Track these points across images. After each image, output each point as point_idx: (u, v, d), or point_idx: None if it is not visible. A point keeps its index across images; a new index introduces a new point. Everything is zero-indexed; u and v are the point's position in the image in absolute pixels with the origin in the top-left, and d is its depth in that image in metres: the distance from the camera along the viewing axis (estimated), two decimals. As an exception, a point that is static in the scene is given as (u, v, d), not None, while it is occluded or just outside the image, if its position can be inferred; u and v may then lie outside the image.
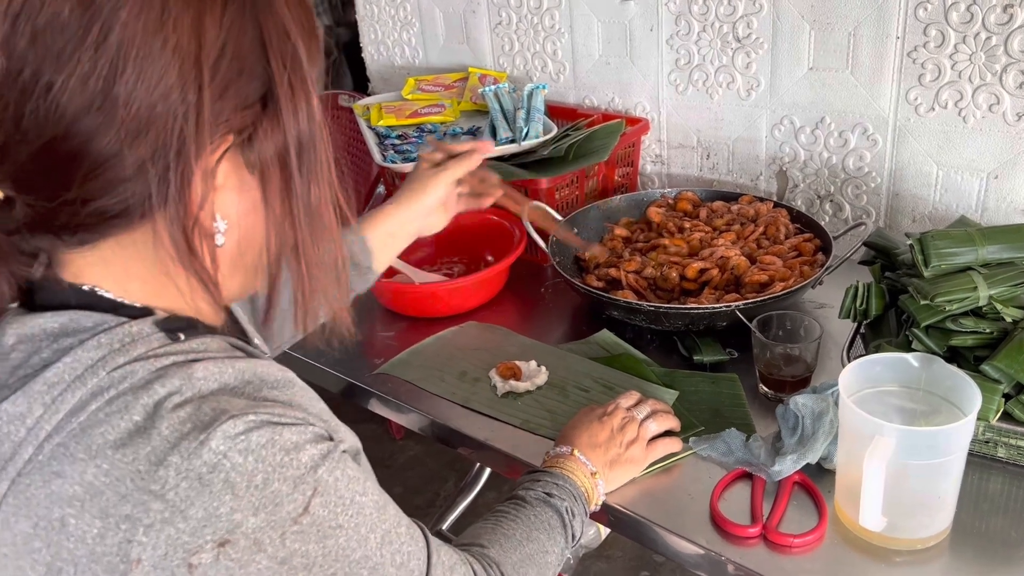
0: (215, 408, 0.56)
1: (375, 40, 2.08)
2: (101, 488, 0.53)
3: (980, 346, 0.95)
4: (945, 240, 1.00)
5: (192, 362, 0.58)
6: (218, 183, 0.59)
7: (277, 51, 0.58)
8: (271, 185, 0.61)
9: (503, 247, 1.43)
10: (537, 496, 0.88)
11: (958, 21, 1.23)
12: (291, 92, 0.59)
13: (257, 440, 0.55)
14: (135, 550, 0.53)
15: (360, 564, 0.61)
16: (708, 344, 1.20)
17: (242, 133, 0.58)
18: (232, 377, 0.59)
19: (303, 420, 0.59)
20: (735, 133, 1.55)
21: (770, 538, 0.89)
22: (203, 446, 0.54)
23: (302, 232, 0.63)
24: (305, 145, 0.61)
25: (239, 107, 0.58)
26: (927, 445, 0.81)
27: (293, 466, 0.56)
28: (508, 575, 0.80)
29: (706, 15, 1.48)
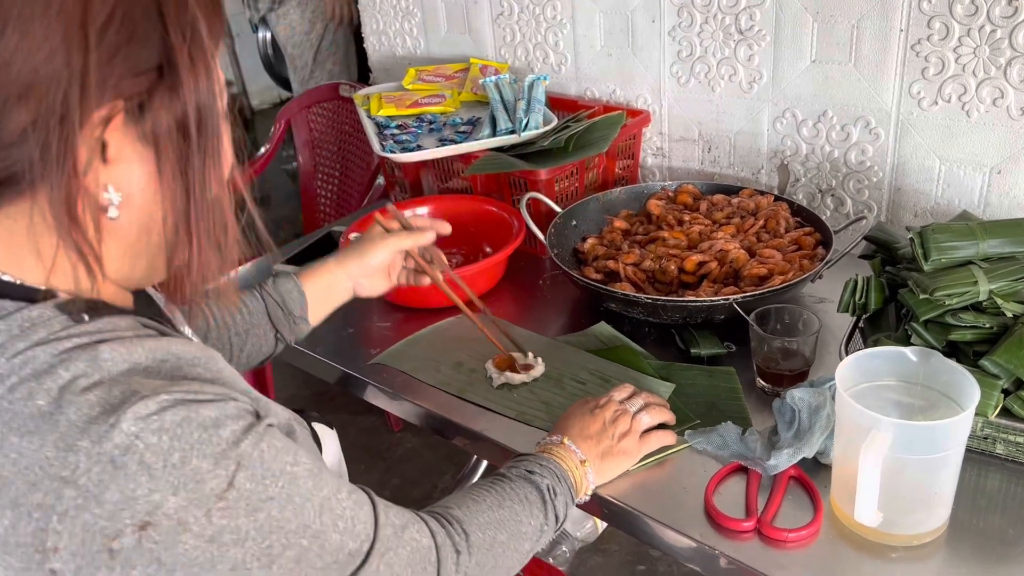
0: (125, 390, 0.54)
1: (377, 30, 2.07)
2: (9, 478, 0.52)
3: (979, 341, 0.94)
4: (946, 234, 0.99)
5: (97, 343, 0.57)
6: (111, 154, 0.58)
7: (175, 20, 0.57)
8: (167, 156, 0.60)
9: (501, 238, 1.42)
10: (518, 473, 0.88)
11: (963, 14, 1.22)
12: (191, 62, 0.58)
13: (171, 419, 0.54)
14: (51, 538, 0.52)
15: (298, 533, 0.60)
16: (706, 337, 1.19)
17: (132, 100, 0.57)
18: (143, 357, 0.57)
19: (223, 396, 0.58)
20: (737, 126, 1.54)
21: (765, 532, 0.88)
22: (114, 428, 0.52)
23: (196, 206, 0.62)
24: (204, 117, 0.60)
25: (130, 73, 0.56)
26: (924, 440, 0.80)
27: (213, 442, 0.55)
28: (471, 532, 0.78)
29: (708, 7, 1.47)
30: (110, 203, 0.59)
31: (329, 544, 0.62)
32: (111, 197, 0.59)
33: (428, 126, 1.62)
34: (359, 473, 1.07)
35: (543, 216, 1.43)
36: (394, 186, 1.72)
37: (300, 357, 1.32)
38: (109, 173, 0.58)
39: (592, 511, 1.00)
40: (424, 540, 0.73)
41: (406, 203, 1.55)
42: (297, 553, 0.60)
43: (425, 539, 0.73)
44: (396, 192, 1.72)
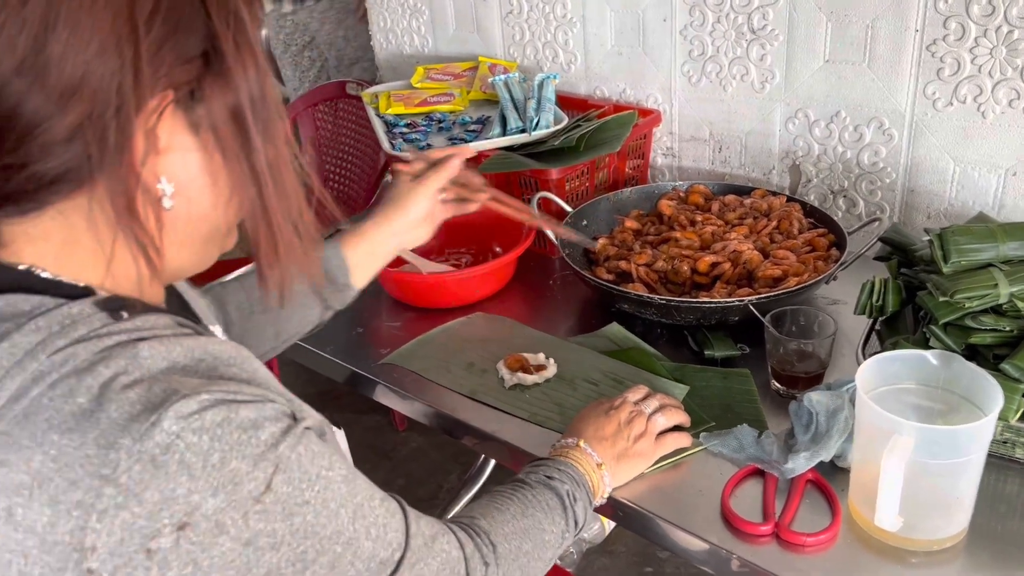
0: (166, 388, 0.54)
1: (384, 28, 2.06)
2: (49, 475, 0.51)
3: (999, 344, 0.93)
4: (965, 236, 0.98)
5: (137, 341, 0.56)
6: (162, 144, 0.58)
7: (217, 7, 0.58)
8: (229, 143, 0.60)
9: (512, 238, 1.41)
10: (537, 479, 0.87)
11: (979, 14, 1.21)
12: (236, 48, 0.58)
13: (212, 418, 0.53)
14: (89, 537, 0.51)
15: (332, 540, 0.59)
16: (719, 339, 1.19)
17: (182, 88, 0.57)
18: (181, 355, 0.57)
19: (261, 397, 0.57)
20: (748, 126, 1.53)
21: (783, 536, 0.87)
22: (155, 427, 0.52)
23: (268, 190, 0.62)
24: (257, 103, 0.60)
25: (178, 61, 0.56)
26: (947, 444, 0.79)
27: (252, 444, 0.54)
28: (498, 543, 0.78)
29: (721, 5, 1.46)
30: (163, 194, 0.59)
31: (362, 551, 0.62)
32: (164, 188, 0.59)
33: (437, 125, 1.61)
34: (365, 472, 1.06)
35: (554, 215, 1.42)
36: (402, 185, 1.71)
37: (309, 356, 1.31)
38: (161, 163, 0.59)
39: (606, 514, 1.00)
40: (454, 552, 0.72)
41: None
42: (331, 559, 0.59)
43: (455, 551, 0.72)
44: (404, 191, 1.71)
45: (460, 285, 1.35)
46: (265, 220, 0.63)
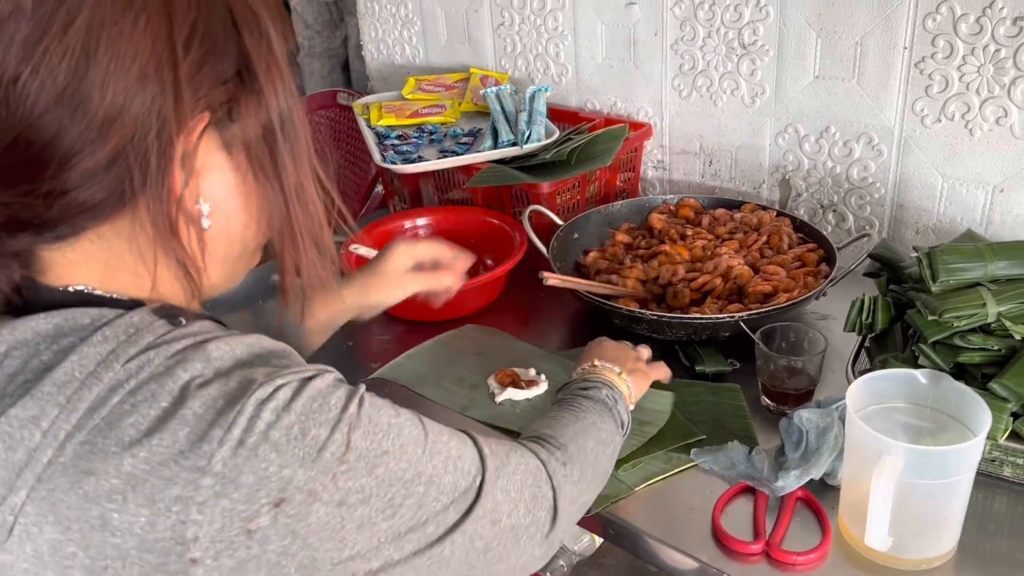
0: (241, 380, 0.56)
1: (375, 38, 2.06)
2: (143, 476, 0.53)
3: (988, 363, 0.94)
4: (954, 255, 0.98)
5: (204, 343, 0.58)
6: (198, 165, 0.59)
7: (249, 29, 0.59)
8: (258, 162, 0.62)
9: (503, 251, 1.41)
10: (574, 393, 0.93)
11: (967, 33, 1.22)
12: (267, 68, 0.60)
13: (284, 396, 0.56)
14: (191, 529, 0.52)
15: (415, 481, 0.62)
16: (710, 354, 1.19)
17: (219, 111, 0.59)
18: (244, 352, 0.59)
19: (320, 370, 0.60)
20: (738, 140, 1.54)
21: (773, 555, 0.87)
22: (240, 415, 0.54)
23: (295, 209, 0.64)
24: (287, 122, 0.62)
25: (215, 83, 0.58)
26: (937, 464, 0.79)
27: (324, 410, 0.57)
28: (567, 444, 0.82)
29: (712, 21, 1.47)
30: (201, 214, 0.61)
31: (444, 485, 0.64)
32: (201, 208, 0.61)
33: (429, 136, 1.61)
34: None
35: (545, 228, 1.42)
36: (393, 196, 1.71)
37: (299, 370, 1.31)
38: (199, 184, 0.60)
39: (593, 529, 1.00)
40: (531, 461, 0.75)
41: (406, 213, 1.54)
42: (417, 500, 0.62)
43: (531, 460, 0.75)
44: (396, 202, 1.71)
45: (453, 298, 1.35)
46: (291, 237, 0.65)
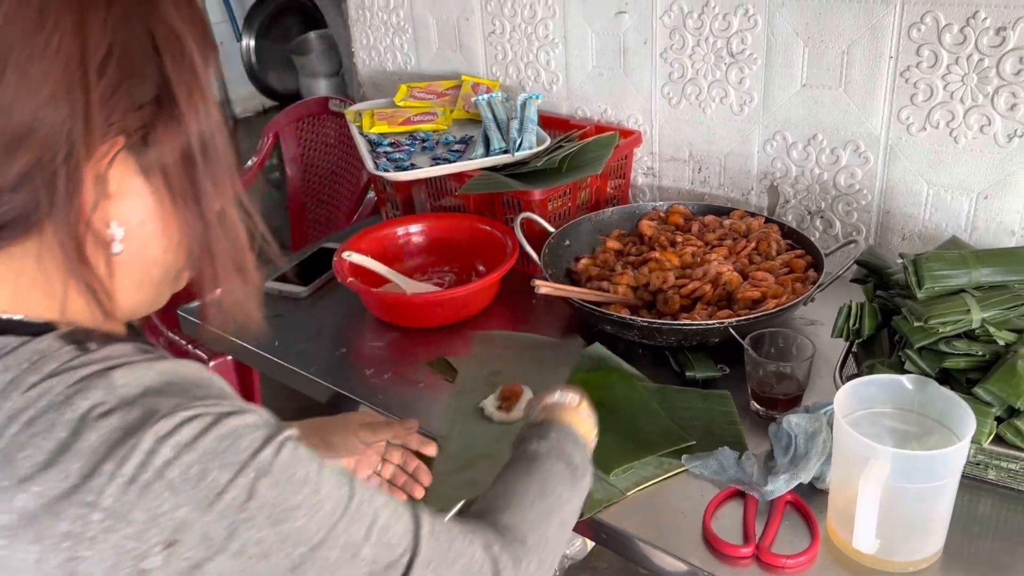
0: (144, 411, 0.54)
1: (367, 45, 2.07)
2: (35, 512, 0.51)
3: (972, 368, 0.95)
4: (939, 262, 1.00)
5: (110, 370, 0.56)
6: (112, 189, 0.58)
7: (170, 51, 0.58)
8: (178, 186, 0.60)
9: (495, 257, 1.42)
10: (548, 448, 0.83)
11: (951, 42, 1.24)
12: (188, 91, 0.59)
13: (189, 432, 0.54)
14: (81, 566, 0.51)
15: (325, 545, 0.58)
16: (700, 360, 1.20)
17: (134, 135, 0.58)
18: (154, 379, 0.57)
19: (240, 408, 0.57)
20: (727, 147, 1.56)
21: (763, 559, 0.89)
22: (135, 449, 0.52)
23: (215, 234, 0.63)
24: (207, 142, 0.61)
25: (130, 108, 0.57)
26: (922, 469, 0.81)
27: (231, 452, 0.54)
28: (527, 536, 0.74)
29: (700, 29, 1.48)
30: (113, 239, 0.59)
31: (361, 556, 0.60)
32: (115, 232, 0.59)
33: (421, 144, 1.62)
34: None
35: (536, 235, 1.44)
36: (385, 203, 1.72)
37: (292, 376, 1.32)
38: (112, 208, 0.59)
39: (586, 534, 1.01)
40: (478, 555, 0.68)
41: (399, 220, 1.55)
42: (325, 567, 0.58)
43: (479, 554, 0.68)
44: (388, 209, 1.72)
45: (444, 305, 1.36)
46: (210, 262, 0.63)
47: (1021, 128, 1.23)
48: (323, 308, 1.48)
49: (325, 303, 1.49)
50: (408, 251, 1.54)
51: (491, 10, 1.76)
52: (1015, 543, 0.90)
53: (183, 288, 0.70)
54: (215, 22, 4.85)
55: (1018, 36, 1.18)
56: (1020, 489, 0.95)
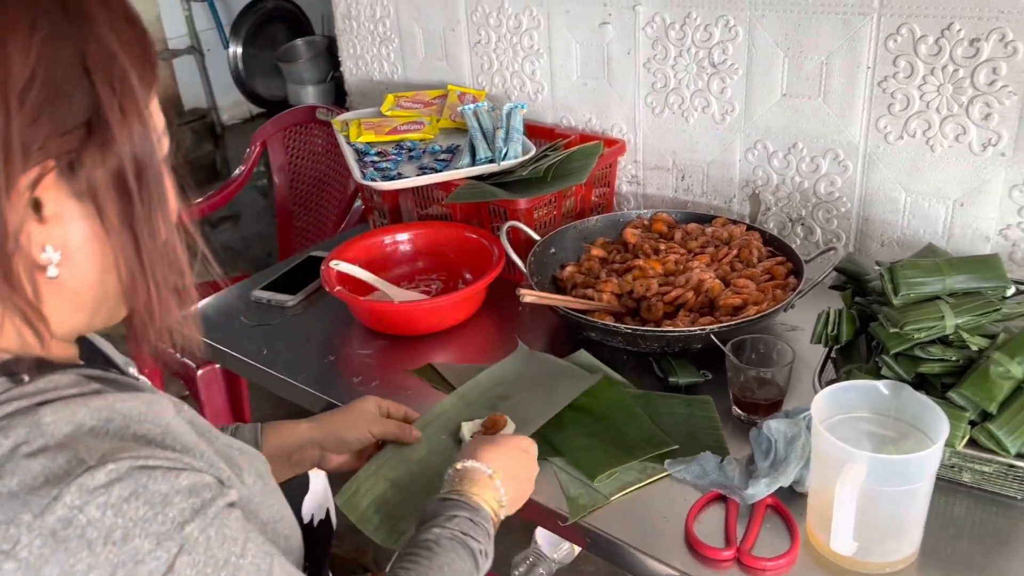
0: (70, 458, 0.52)
1: (353, 55, 2.08)
2: None
3: (947, 373, 0.98)
4: (914, 270, 1.03)
5: (39, 406, 0.55)
6: (47, 213, 0.57)
7: (102, 73, 0.56)
8: (109, 209, 0.59)
9: (482, 265, 1.44)
10: (451, 535, 0.82)
11: (927, 53, 1.27)
12: (122, 115, 0.57)
13: (119, 493, 0.52)
14: None
15: None
16: (683, 365, 1.22)
17: (62, 159, 0.56)
18: (88, 416, 0.56)
19: (176, 464, 0.56)
20: (710, 156, 1.58)
21: (744, 561, 0.91)
22: (56, 501, 0.51)
23: (148, 255, 0.61)
24: (142, 167, 0.59)
25: (56, 132, 0.55)
26: (898, 472, 0.83)
27: (158, 521, 0.53)
28: None
29: (683, 40, 1.51)
30: (49, 262, 0.58)
31: None
32: (50, 256, 0.58)
33: (408, 153, 1.64)
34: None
35: (522, 243, 1.45)
36: (373, 211, 1.74)
37: (280, 385, 1.33)
38: (46, 232, 0.57)
39: (573, 539, 1.03)
40: None
41: (386, 229, 1.57)
42: None
43: None
44: (375, 217, 1.74)
45: (432, 313, 1.38)
46: (144, 283, 0.62)
47: (995, 137, 1.26)
48: (311, 316, 1.49)
49: (313, 311, 1.50)
50: (395, 259, 1.56)
51: (477, 20, 1.78)
52: (989, 544, 0.92)
53: None
54: (202, 29, 4.85)
55: (992, 47, 1.21)
56: (994, 491, 0.97)
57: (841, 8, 1.32)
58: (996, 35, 1.20)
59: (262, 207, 3.98)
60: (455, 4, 1.80)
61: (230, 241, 3.70)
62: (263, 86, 5.18)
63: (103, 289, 0.63)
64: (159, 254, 0.62)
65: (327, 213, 2.30)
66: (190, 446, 0.60)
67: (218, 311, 1.53)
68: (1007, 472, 0.94)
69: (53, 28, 0.55)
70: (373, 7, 1.96)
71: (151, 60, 0.61)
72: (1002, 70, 1.21)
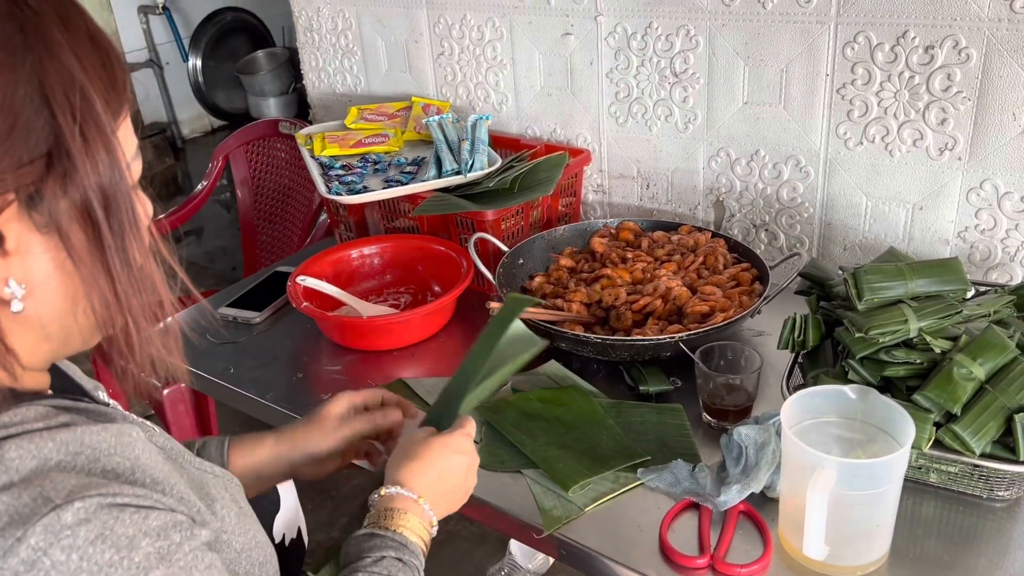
0: (36, 497, 0.51)
1: (316, 67, 2.07)
2: None
3: (912, 376, 0.99)
4: (877, 275, 1.04)
5: (2, 441, 0.54)
6: (9, 247, 0.55)
7: (62, 101, 0.55)
8: (76, 242, 0.57)
9: (450, 277, 1.44)
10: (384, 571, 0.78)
11: (883, 60, 1.29)
12: (84, 144, 0.55)
13: (85, 535, 0.51)
14: None
15: None
16: (653, 374, 1.23)
17: (22, 192, 0.55)
18: (54, 451, 0.55)
19: (145, 501, 0.55)
20: (673, 164, 1.59)
21: (718, 568, 0.91)
22: (20, 543, 0.50)
23: (121, 286, 0.59)
24: (110, 196, 0.57)
25: (15, 166, 0.54)
26: (866, 476, 0.84)
27: (123, 566, 0.52)
28: None
29: (644, 50, 1.52)
30: (13, 296, 0.57)
31: None
32: (13, 291, 0.56)
33: (373, 166, 1.63)
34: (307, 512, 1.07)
35: (490, 255, 1.45)
36: (339, 225, 1.73)
37: (249, 403, 1.31)
38: (8, 266, 0.56)
39: (547, 551, 1.03)
40: None
41: (352, 243, 1.56)
42: None
43: None
44: (341, 231, 1.73)
45: (401, 327, 1.37)
46: (120, 314, 0.60)
47: (952, 142, 1.29)
48: (278, 333, 1.47)
49: (280, 328, 1.49)
50: (363, 273, 1.55)
51: (439, 32, 1.78)
52: (956, 542, 0.93)
53: None
54: (161, 43, 4.80)
55: (946, 54, 1.24)
56: (960, 491, 0.99)
57: (799, 17, 1.34)
58: (950, 42, 1.23)
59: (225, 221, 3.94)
60: (417, 16, 1.80)
61: (193, 256, 3.66)
62: (224, 99, 5.14)
63: (72, 320, 0.61)
64: (133, 282, 0.60)
65: (292, 227, 2.28)
66: (159, 480, 0.59)
67: (183, 329, 1.50)
68: (972, 472, 0.96)
69: (10, 55, 0.53)
70: (335, 19, 1.95)
71: (119, 84, 0.59)
72: (956, 76, 1.24)
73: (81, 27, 0.57)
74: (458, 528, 2.08)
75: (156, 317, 0.63)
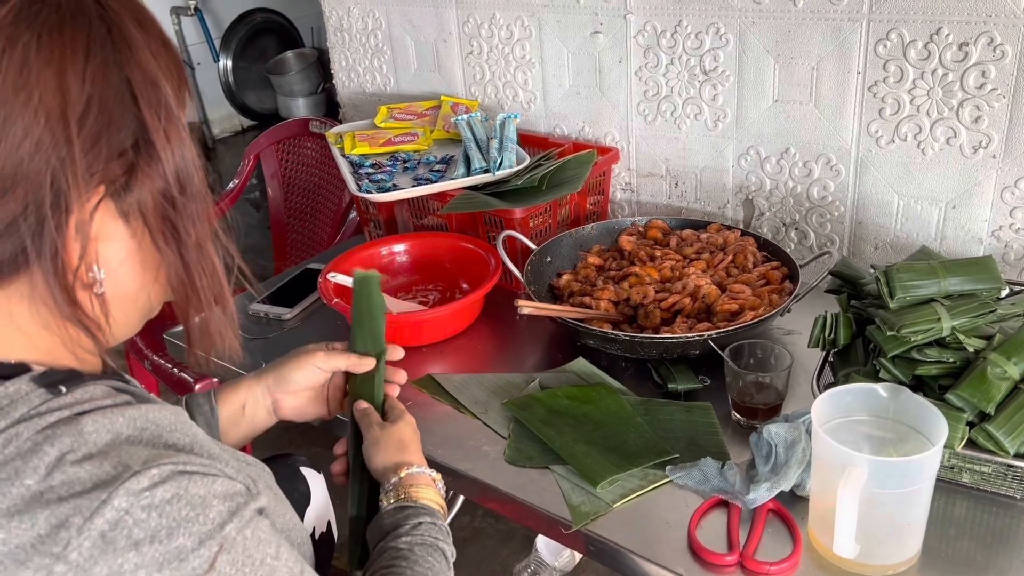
0: (116, 464, 0.55)
1: (346, 67, 2.09)
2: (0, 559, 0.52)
3: (944, 375, 0.98)
4: (909, 273, 1.03)
5: (79, 416, 0.58)
6: (93, 233, 0.60)
7: (148, 99, 0.60)
8: (156, 227, 0.63)
9: (479, 275, 1.45)
10: (423, 542, 0.86)
11: (916, 58, 1.28)
12: (166, 136, 0.61)
13: (162, 495, 0.55)
14: None
15: None
16: (681, 372, 1.23)
17: (115, 182, 0.60)
18: (124, 426, 0.59)
19: (210, 470, 0.59)
20: (702, 162, 1.59)
21: (747, 566, 0.91)
22: (105, 504, 0.53)
23: (195, 269, 0.65)
24: (185, 183, 0.63)
25: (111, 157, 0.59)
26: (898, 474, 0.84)
27: (199, 521, 0.56)
28: None
29: (674, 48, 1.52)
30: (94, 279, 0.61)
31: None
32: (96, 274, 0.61)
33: (403, 165, 1.64)
34: (337, 508, 1.09)
35: (518, 253, 1.46)
36: (368, 223, 1.74)
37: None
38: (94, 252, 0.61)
39: (575, 547, 1.03)
40: None
41: (382, 240, 1.57)
42: None
43: None
44: (371, 228, 1.74)
45: (431, 324, 1.38)
46: (194, 295, 0.66)
47: (986, 139, 1.27)
48: (309, 329, 1.49)
49: (311, 324, 1.50)
50: (392, 270, 1.56)
51: (468, 31, 1.79)
52: (989, 543, 0.92)
53: (168, 311, 0.72)
54: (192, 43, 4.86)
55: (980, 51, 1.22)
56: (993, 491, 0.98)
57: (831, 14, 1.33)
58: (984, 39, 1.21)
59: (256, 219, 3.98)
60: (446, 15, 1.81)
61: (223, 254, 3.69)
62: (254, 99, 5.19)
63: (136, 303, 0.66)
64: (203, 266, 0.66)
65: (322, 225, 2.30)
66: (216, 455, 0.63)
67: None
68: (1006, 472, 0.95)
69: (103, 58, 0.58)
70: (365, 19, 1.97)
71: (184, 81, 0.65)
72: (991, 73, 1.23)
73: (153, 28, 0.63)
74: (484, 525, 2.09)
75: (217, 296, 0.68)
